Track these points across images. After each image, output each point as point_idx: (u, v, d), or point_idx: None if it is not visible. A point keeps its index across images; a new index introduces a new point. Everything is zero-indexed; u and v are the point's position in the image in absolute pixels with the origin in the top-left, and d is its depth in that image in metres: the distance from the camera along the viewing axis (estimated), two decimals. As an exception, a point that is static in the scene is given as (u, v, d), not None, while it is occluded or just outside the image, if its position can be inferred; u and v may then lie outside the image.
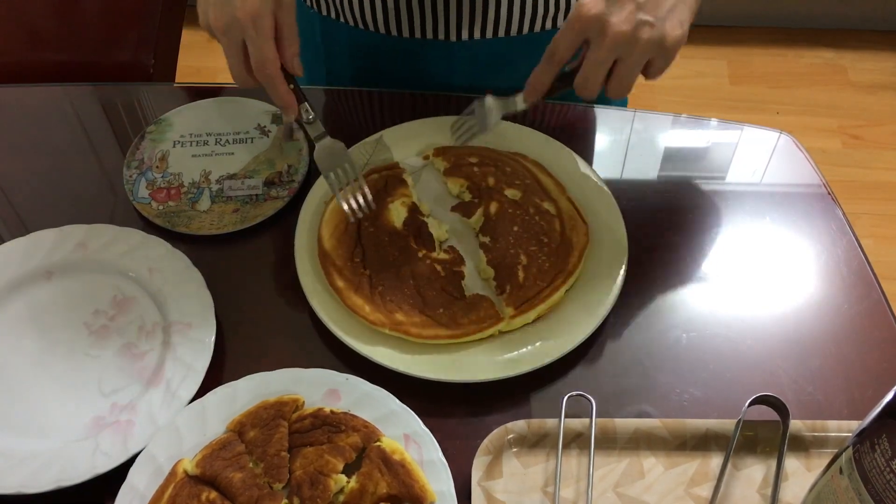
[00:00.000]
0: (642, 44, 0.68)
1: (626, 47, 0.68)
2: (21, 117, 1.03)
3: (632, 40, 0.67)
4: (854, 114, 2.34)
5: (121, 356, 0.79)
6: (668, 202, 0.93)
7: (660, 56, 0.70)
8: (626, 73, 0.70)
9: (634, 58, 0.69)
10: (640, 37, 0.67)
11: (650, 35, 0.67)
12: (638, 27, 0.67)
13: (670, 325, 0.82)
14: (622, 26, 0.67)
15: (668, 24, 0.68)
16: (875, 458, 0.55)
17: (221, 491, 0.70)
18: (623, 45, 0.68)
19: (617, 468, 0.72)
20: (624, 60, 0.69)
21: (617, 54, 0.69)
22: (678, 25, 0.68)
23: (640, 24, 0.67)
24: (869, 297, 0.83)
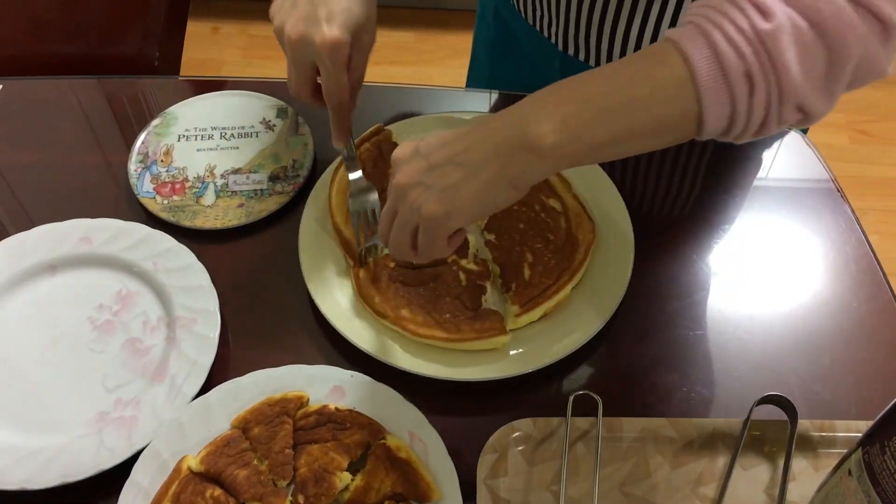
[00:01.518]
0: (408, 202, 0.62)
1: (400, 200, 0.63)
2: (25, 110, 1.02)
3: (404, 195, 0.62)
4: (862, 109, 2.33)
5: (125, 351, 0.79)
6: (675, 199, 0.92)
7: (420, 227, 0.63)
8: (396, 227, 0.65)
9: (402, 215, 0.63)
10: (408, 194, 0.62)
11: (415, 198, 0.62)
12: (414, 185, 0.62)
13: (677, 323, 0.81)
14: (405, 178, 0.62)
15: (435, 196, 0.61)
16: (885, 460, 0.54)
17: (226, 488, 0.69)
18: (399, 197, 0.63)
19: (623, 467, 0.71)
20: (398, 215, 0.64)
21: (396, 205, 0.64)
22: (443, 202, 0.60)
23: (417, 182, 0.62)
24: (878, 296, 0.83)
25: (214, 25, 2.54)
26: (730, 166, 0.95)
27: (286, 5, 0.74)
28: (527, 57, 1.06)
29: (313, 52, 0.73)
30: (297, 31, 0.73)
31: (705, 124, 0.57)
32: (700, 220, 0.90)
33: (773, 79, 0.54)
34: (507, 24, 1.07)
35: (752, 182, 0.94)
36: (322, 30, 0.72)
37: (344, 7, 0.73)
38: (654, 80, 0.57)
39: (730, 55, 0.54)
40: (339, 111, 0.77)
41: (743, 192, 0.92)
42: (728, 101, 0.55)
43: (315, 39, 0.72)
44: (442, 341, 0.77)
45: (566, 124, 0.58)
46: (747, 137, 0.59)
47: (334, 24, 0.72)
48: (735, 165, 0.96)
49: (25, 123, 1.01)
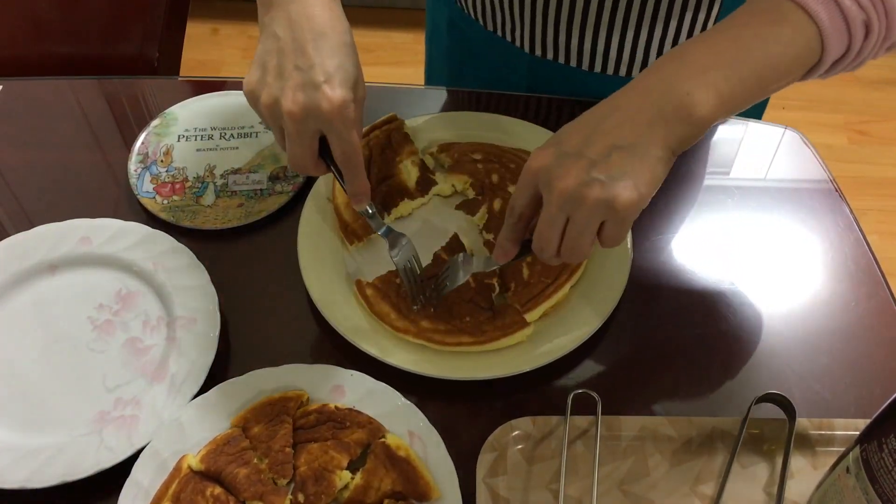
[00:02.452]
0: (590, 203, 0.60)
1: (573, 205, 0.60)
2: (26, 111, 1.02)
3: (578, 198, 0.60)
4: (860, 109, 2.34)
5: (125, 351, 0.79)
6: (673, 198, 0.92)
7: (612, 220, 0.61)
8: (575, 234, 0.62)
9: (583, 218, 0.61)
10: (587, 195, 0.59)
11: (599, 195, 0.59)
12: (586, 184, 0.59)
13: (676, 322, 0.82)
14: (569, 181, 0.60)
15: (620, 184, 0.59)
16: (883, 457, 0.55)
17: (226, 486, 0.69)
18: (570, 203, 0.60)
19: (622, 465, 0.71)
20: (573, 220, 0.61)
21: (566, 212, 0.61)
22: (632, 188, 0.59)
23: (588, 181, 0.59)
24: (877, 295, 0.83)
25: (214, 26, 2.54)
26: (728, 166, 0.96)
27: (269, 78, 0.69)
28: (489, 63, 1.05)
29: (320, 120, 0.68)
30: (297, 102, 0.67)
31: (818, 69, 0.62)
32: (699, 220, 0.90)
33: (884, 22, 0.59)
34: (464, 32, 1.05)
35: (750, 182, 0.94)
36: (326, 94, 0.67)
37: (337, 64, 0.68)
38: (784, 40, 0.60)
39: (852, 7, 0.58)
40: (356, 172, 0.72)
41: (741, 191, 0.92)
42: (845, 46, 0.60)
43: (322, 106, 0.67)
44: (469, 346, 0.76)
45: (717, 92, 0.59)
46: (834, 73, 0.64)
47: (336, 85, 0.67)
48: (734, 165, 0.96)
49: (25, 124, 1.01)
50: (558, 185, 0.60)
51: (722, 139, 0.99)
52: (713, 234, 0.89)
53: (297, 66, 0.67)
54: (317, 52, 0.68)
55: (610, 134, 0.60)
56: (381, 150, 0.90)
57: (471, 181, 0.89)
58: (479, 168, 0.89)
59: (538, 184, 0.63)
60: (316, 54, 0.68)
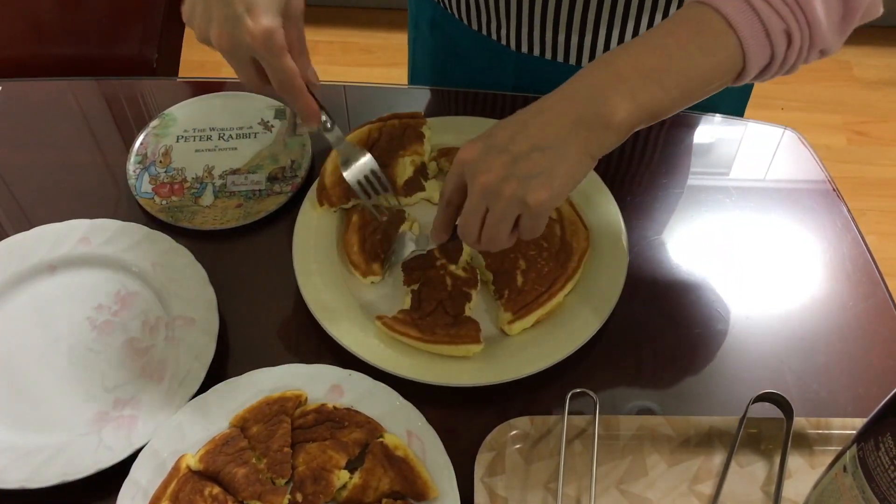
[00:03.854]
0: (506, 197, 0.63)
1: (492, 198, 0.64)
2: (25, 111, 1.02)
3: (496, 191, 0.63)
4: (859, 110, 2.34)
5: (124, 351, 0.79)
6: (672, 198, 0.93)
7: (526, 215, 0.64)
8: (492, 223, 0.65)
9: (499, 211, 0.64)
10: (504, 189, 0.63)
11: (514, 190, 0.62)
12: (505, 179, 0.63)
13: (674, 321, 0.82)
14: (490, 175, 0.63)
15: (535, 181, 0.62)
16: (879, 456, 0.55)
17: (224, 486, 0.70)
18: (488, 195, 0.64)
19: (620, 465, 0.72)
20: (492, 211, 0.65)
21: (486, 203, 0.64)
22: (546, 187, 0.62)
23: (507, 176, 0.62)
24: (874, 295, 0.83)
25: (213, 28, 2.54)
26: (727, 166, 0.96)
27: (198, 9, 0.69)
28: (474, 62, 1.05)
29: (248, 50, 0.68)
30: (222, 36, 0.68)
31: (743, 77, 0.64)
32: (697, 220, 0.91)
33: (806, 32, 0.61)
34: (448, 32, 1.05)
35: (749, 182, 0.94)
36: (247, 26, 0.67)
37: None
38: (705, 49, 0.62)
39: (771, 16, 0.60)
40: (295, 96, 0.73)
41: (740, 191, 0.93)
42: (768, 55, 0.62)
43: (245, 40, 0.67)
44: (414, 340, 0.77)
45: (635, 100, 0.61)
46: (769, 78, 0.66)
47: (258, 14, 0.67)
48: (732, 165, 0.96)
49: (25, 124, 1.01)
50: (480, 178, 0.64)
51: (721, 139, 0.99)
52: (711, 233, 0.89)
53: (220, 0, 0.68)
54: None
55: (534, 134, 0.63)
56: (389, 138, 0.90)
57: None
58: None
59: (465, 174, 0.66)
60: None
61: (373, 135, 0.91)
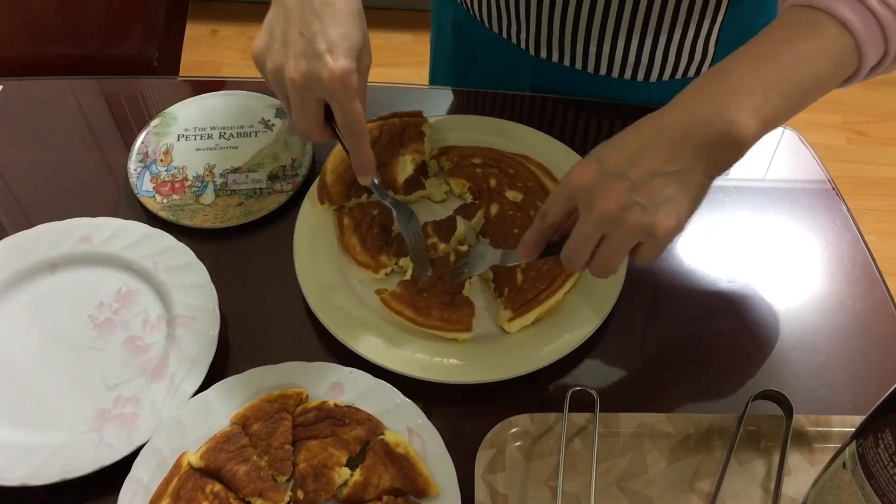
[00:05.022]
0: (629, 227, 0.60)
1: (612, 226, 0.61)
2: (26, 111, 1.03)
3: (618, 220, 0.60)
4: (859, 109, 2.34)
5: (125, 349, 0.80)
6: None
7: (649, 243, 0.62)
8: (608, 253, 0.63)
9: (620, 239, 0.61)
10: (627, 218, 0.60)
11: (639, 220, 0.60)
12: (627, 208, 0.59)
13: (674, 320, 0.82)
14: (610, 203, 0.60)
15: (661, 211, 0.59)
16: (879, 452, 0.55)
17: (226, 483, 0.70)
18: (608, 224, 0.61)
19: (620, 462, 0.72)
20: (609, 239, 0.62)
21: (603, 231, 0.62)
22: (673, 215, 0.60)
23: (629, 204, 0.59)
24: (873, 293, 0.83)
25: (213, 28, 2.54)
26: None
27: (275, 45, 0.70)
28: (493, 65, 1.05)
29: (322, 88, 0.69)
30: (299, 70, 0.68)
31: (856, 77, 0.62)
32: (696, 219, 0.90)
33: None
34: (469, 34, 1.05)
35: (749, 181, 0.95)
36: (327, 63, 0.68)
37: (342, 33, 0.69)
38: (823, 55, 0.59)
39: (886, 14, 0.58)
40: (359, 142, 0.73)
41: (740, 191, 0.93)
42: (882, 52, 0.60)
43: (322, 75, 0.68)
44: (408, 320, 0.78)
45: (761, 114, 0.58)
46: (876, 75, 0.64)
47: (338, 54, 0.68)
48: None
49: (25, 124, 1.01)
50: (599, 205, 0.60)
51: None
52: (711, 232, 0.89)
53: (301, 34, 0.68)
54: (320, 21, 0.68)
55: (654, 157, 0.59)
56: (390, 136, 0.90)
57: (469, 185, 0.89)
58: (478, 172, 0.89)
59: (577, 199, 0.63)
60: (319, 23, 0.68)
61: (373, 133, 0.91)
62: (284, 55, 0.69)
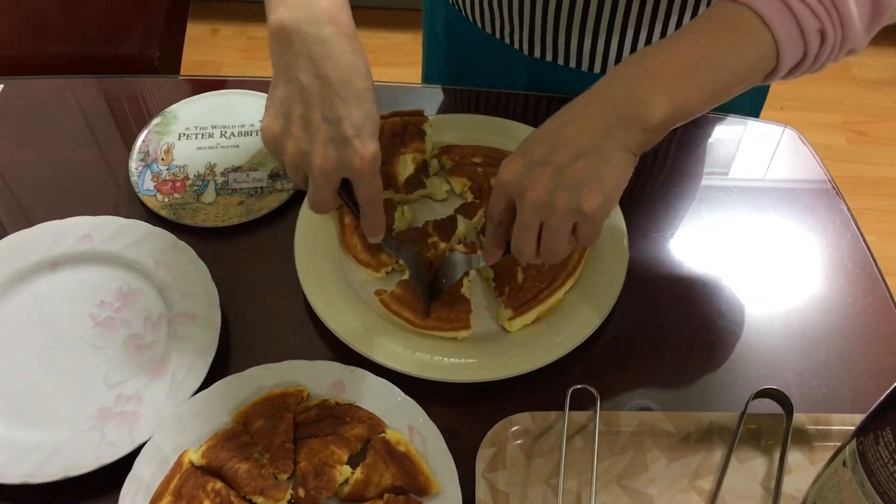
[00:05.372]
0: (560, 210, 0.62)
1: (545, 212, 0.63)
2: (26, 110, 1.03)
3: (549, 205, 0.63)
4: (858, 109, 2.34)
5: (126, 347, 0.80)
6: (672, 197, 0.93)
7: (583, 223, 0.64)
8: (550, 237, 0.65)
9: (555, 223, 0.64)
10: (556, 202, 0.62)
11: (567, 201, 0.62)
12: (554, 191, 0.62)
13: (674, 318, 0.82)
14: (539, 191, 0.62)
15: (586, 189, 0.61)
16: (879, 450, 0.55)
17: (227, 481, 0.70)
18: (541, 211, 0.63)
19: (621, 460, 0.72)
20: (547, 225, 0.64)
21: (539, 218, 0.64)
22: (598, 191, 0.62)
23: (556, 187, 0.62)
24: (873, 292, 0.84)
25: (214, 27, 2.55)
26: (727, 165, 0.96)
27: (294, 129, 0.66)
28: (487, 65, 1.05)
29: (351, 173, 0.68)
30: (329, 158, 0.66)
31: (773, 76, 0.63)
32: (697, 218, 0.91)
33: (839, 31, 0.60)
34: (462, 35, 1.05)
35: (749, 181, 0.95)
36: (358, 151, 0.66)
37: (366, 114, 0.67)
38: (739, 48, 0.61)
39: (807, 15, 0.59)
40: (376, 210, 0.73)
41: (740, 190, 0.93)
42: (801, 54, 0.61)
43: (354, 163, 0.66)
44: (407, 321, 0.78)
45: (672, 100, 0.61)
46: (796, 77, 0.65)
47: (366, 138, 0.66)
48: (732, 164, 0.96)
49: (26, 123, 1.01)
50: (529, 195, 0.63)
51: (721, 138, 1.00)
52: (711, 232, 0.89)
53: (325, 119, 0.65)
54: (344, 104, 0.65)
55: (573, 141, 0.62)
56: (391, 136, 0.90)
57: (469, 184, 0.89)
58: (479, 172, 0.90)
59: (510, 193, 0.65)
60: (343, 106, 0.65)
61: None
62: (308, 142, 0.66)
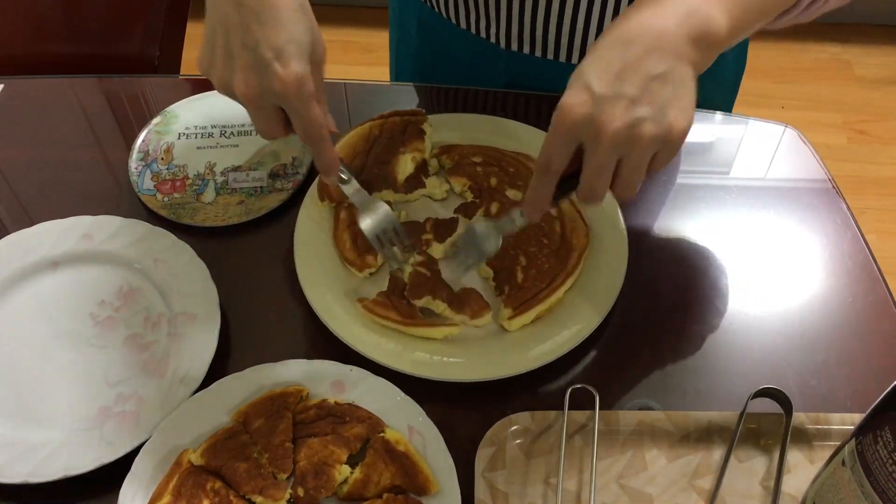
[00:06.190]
0: (645, 142, 0.58)
1: (628, 147, 0.59)
2: (27, 109, 1.03)
3: (632, 139, 0.58)
4: (859, 109, 2.34)
5: (126, 347, 0.80)
6: (673, 196, 0.93)
7: (665, 150, 0.60)
8: (629, 172, 0.61)
9: (637, 157, 0.60)
10: (640, 135, 0.58)
11: (652, 131, 0.58)
12: (636, 125, 0.58)
13: (674, 318, 0.82)
14: (617, 126, 0.57)
15: (671, 115, 0.58)
16: (878, 450, 0.55)
17: (226, 481, 0.70)
18: (623, 146, 0.59)
19: (620, 460, 0.72)
20: (626, 162, 0.60)
21: (619, 155, 0.60)
22: (682, 114, 0.59)
23: (637, 121, 0.58)
24: (874, 292, 0.84)
25: (214, 27, 2.54)
26: (728, 164, 0.96)
27: (218, 59, 0.66)
28: (463, 60, 1.04)
29: (275, 97, 0.65)
30: (249, 85, 0.64)
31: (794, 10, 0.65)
32: (697, 217, 0.91)
33: None
34: (436, 32, 1.03)
35: (749, 180, 0.95)
36: (277, 73, 0.64)
37: (287, 36, 0.64)
38: None
39: None
40: (320, 145, 0.70)
41: (740, 189, 0.93)
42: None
43: (274, 87, 0.64)
44: (395, 323, 0.77)
45: (730, 15, 0.60)
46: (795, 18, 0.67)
47: (287, 60, 0.64)
48: (733, 163, 0.96)
49: (27, 122, 1.01)
50: (607, 131, 0.58)
51: (721, 138, 1.00)
52: (712, 231, 0.89)
53: (244, 44, 0.64)
54: (262, 26, 0.63)
55: (641, 65, 0.58)
56: (390, 135, 0.90)
57: (469, 184, 0.89)
58: (479, 171, 0.90)
59: (580, 135, 0.60)
60: (260, 29, 0.63)
61: (374, 132, 0.91)
62: (230, 69, 0.65)
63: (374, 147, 0.90)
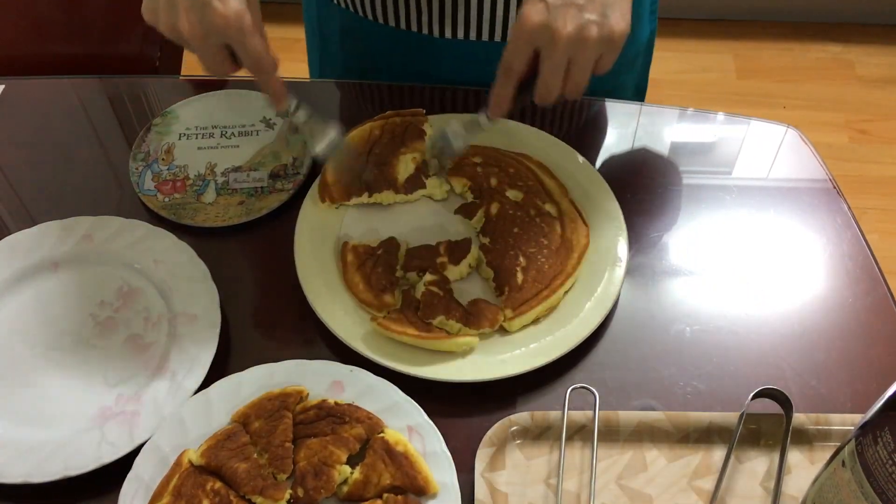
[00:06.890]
0: (592, 42, 0.68)
1: (577, 48, 0.68)
2: (27, 110, 1.03)
3: (581, 41, 0.68)
4: (861, 108, 2.34)
5: (126, 347, 0.80)
6: (674, 196, 0.93)
7: (608, 51, 0.70)
8: (579, 73, 0.70)
9: (586, 57, 0.69)
10: (588, 37, 0.68)
11: (598, 33, 0.68)
12: (584, 27, 0.67)
13: (675, 318, 0.82)
14: (569, 29, 0.67)
15: (612, 19, 0.68)
16: (878, 450, 0.55)
17: (226, 481, 0.70)
18: (574, 47, 0.68)
19: (620, 460, 0.72)
20: (576, 62, 0.69)
21: (569, 55, 0.69)
22: (621, 18, 0.69)
23: (585, 24, 0.67)
24: (874, 292, 0.83)
25: (216, 27, 2.54)
26: (729, 164, 0.96)
27: (161, 5, 0.70)
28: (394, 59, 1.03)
29: (219, 34, 0.69)
30: (193, 25, 0.68)
31: None
32: (698, 217, 0.91)
33: None
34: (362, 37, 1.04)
35: (750, 180, 0.95)
36: (217, 10, 0.68)
37: None
38: None
39: None
40: (267, 77, 0.73)
41: (742, 189, 0.93)
42: None
43: (216, 22, 0.68)
44: (412, 338, 0.76)
45: None
46: None
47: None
48: (734, 163, 0.96)
49: (28, 123, 1.01)
50: (560, 34, 0.67)
51: (723, 138, 0.99)
52: (712, 231, 0.89)
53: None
54: None
55: None
56: (391, 135, 0.90)
57: (469, 184, 0.89)
58: (478, 172, 0.90)
59: (537, 39, 0.69)
60: None
61: (374, 132, 0.91)
62: (174, 14, 0.69)
63: (374, 147, 0.90)
